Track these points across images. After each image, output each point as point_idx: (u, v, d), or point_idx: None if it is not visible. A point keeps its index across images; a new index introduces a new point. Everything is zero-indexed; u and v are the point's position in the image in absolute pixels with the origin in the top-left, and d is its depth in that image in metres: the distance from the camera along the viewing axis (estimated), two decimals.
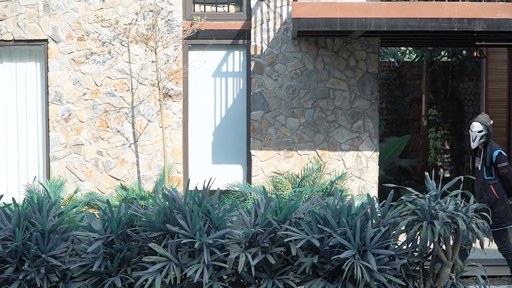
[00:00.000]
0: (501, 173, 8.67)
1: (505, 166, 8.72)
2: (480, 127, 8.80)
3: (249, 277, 6.16)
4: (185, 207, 6.20)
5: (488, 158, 8.71)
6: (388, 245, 6.22)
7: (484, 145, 8.83)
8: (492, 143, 8.87)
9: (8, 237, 6.35)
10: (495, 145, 8.85)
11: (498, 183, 8.75)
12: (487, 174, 8.77)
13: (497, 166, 8.67)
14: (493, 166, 8.71)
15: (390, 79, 18.21)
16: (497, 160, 8.67)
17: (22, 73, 11.76)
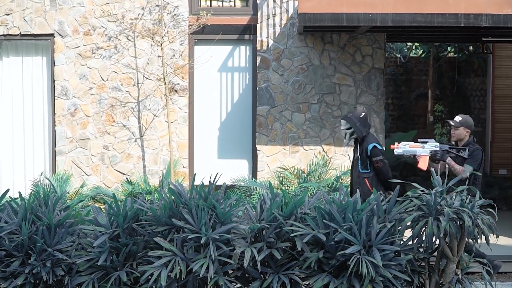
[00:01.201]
0: (376, 167, 8.61)
1: (380, 159, 8.62)
2: (347, 124, 8.77)
3: (255, 272, 6.17)
4: (191, 201, 6.20)
5: (363, 151, 8.68)
6: (393, 240, 6.22)
7: (361, 139, 8.78)
8: (370, 136, 8.79)
9: (14, 231, 6.37)
10: (372, 138, 8.76)
11: (373, 176, 8.68)
12: (362, 167, 8.71)
13: (372, 160, 8.63)
14: (368, 159, 8.67)
15: (396, 75, 18.19)
16: (372, 154, 8.61)
17: (29, 68, 11.78)
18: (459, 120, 8.74)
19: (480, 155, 8.50)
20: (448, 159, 8.49)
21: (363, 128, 8.77)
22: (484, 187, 14.22)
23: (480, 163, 8.49)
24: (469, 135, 8.74)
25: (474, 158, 8.46)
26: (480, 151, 8.54)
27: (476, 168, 8.42)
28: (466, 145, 8.65)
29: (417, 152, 8.52)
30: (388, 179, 8.63)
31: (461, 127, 8.71)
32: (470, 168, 8.36)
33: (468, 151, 8.52)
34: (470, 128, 8.74)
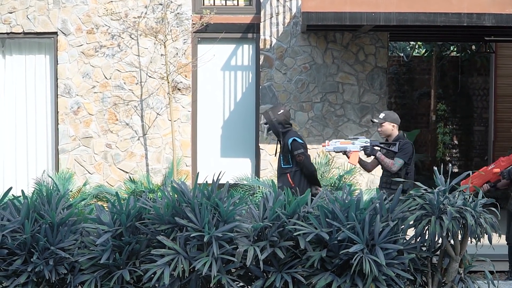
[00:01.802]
0: (298, 160, 8.58)
1: (301, 152, 8.59)
2: (264, 120, 8.79)
3: (257, 270, 6.17)
4: (194, 200, 6.20)
5: (284, 146, 8.68)
6: (396, 239, 6.21)
7: (278, 134, 8.78)
8: (291, 131, 8.77)
9: (17, 229, 6.36)
10: (292, 133, 8.73)
11: (296, 171, 8.64)
12: (284, 162, 8.70)
13: (294, 154, 8.61)
14: (290, 154, 8.66)
15: (399, 74, 18.18)
16: (292, 147, 8.60)
17: (32, 66, 11.80)
18: (382, 117, 8.73)
19: (410, 148, 8.48)
20: (378, 153, 8.50)
21: (278, 124, 8.74)
22: None
23: (410, 156, 8.48)
24: (397, 130, 8.72)
25: (404, 152, 8.44)
26: (410, 144, 8.53)
27: (407, 161, 8.44)
28: (396, 140, 8.63)
29: (348, 148, 8.58)
30: (311, 173, 8.65)
31: (385, 123, 8.67)
32: (400, 161, 8.39)
33: (398, 145, 8.50)
34: (395, 122, 8.71)
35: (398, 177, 8.23)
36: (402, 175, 8.38)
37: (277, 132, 8.73)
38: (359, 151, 8.56)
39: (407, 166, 8.47)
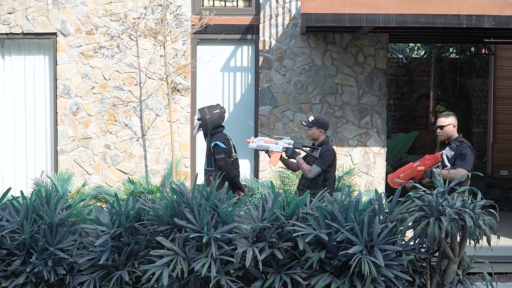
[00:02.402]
0: (218, 165, 8.63)
1: (222, 158, 8.63)
2: (199, 115, 8.77)
3: (256, 271, 6.17)
4: (193, 201, 6.21)
5: (208, 149, 8.69)
6: (395, 241, 6.22)
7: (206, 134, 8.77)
8: (217, 134, 8.79)
9: (16, 230, 6.37)
10: (217, 137, 8.76)
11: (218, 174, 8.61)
12: (208, 164, 8.76)
13: (215, 158, 8.65)
14: (213, 157, 8.68)
15: (398, 75, 18.18)
16: (213, 151, 8.64)
17: (31, 66, 11.80)
18: (311, 120, 8.65)
19: (330, 156, 8.40)
20: (298, 157, 8.50)
21: (211, 123, 8.77)
22: (485, 188, 14.25)
23: (330, 164, 8.42)
24: (324, 135, 8.63)
25: (323, 159, 8.36)
26: (331, 152, 8.45)
27: (325, 168, 8.37)
28: (320, 145, 8.56)
29: (270, 148, 8.58)
30: (231, 179, 8.64)
31: (313, 127, 8.59)
32: (317, 169, 8.32)
33: (320, 151, 8.45)
34: (323, 127, 8.61)
35: (315, 183, 8.28)
36: (319, 181, 8.35)
37: (206, 131, 8.74)
38: (280, 152, 8.56)
39: (326, 173, 8.41)
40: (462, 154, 8.15)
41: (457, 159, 8.16)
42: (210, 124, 8.71)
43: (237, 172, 8.92)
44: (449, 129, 8.40)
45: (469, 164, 8.12)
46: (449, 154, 8.25)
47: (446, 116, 8.50)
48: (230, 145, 8.85)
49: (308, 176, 8.37)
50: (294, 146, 8.56)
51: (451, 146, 8.31)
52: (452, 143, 8.33)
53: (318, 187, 8.26)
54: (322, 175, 8.37)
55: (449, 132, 8.41)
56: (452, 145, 8.31)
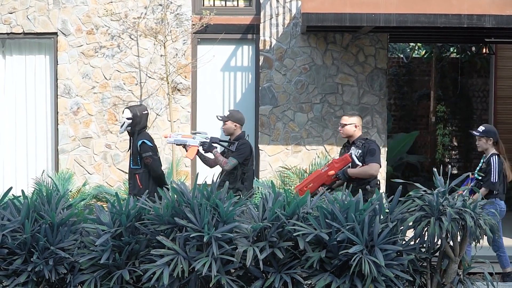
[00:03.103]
0: (146, 163, 8.63)
1: (149, 155, 8.62)
2: (130, 114, 8.78)
3: (257, 271, 6.17)
4: (194, 200, 6.21)
5: (134, 147, 8.71)
6: (395, 240, 6.22)
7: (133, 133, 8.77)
8: (143, 133, 8.79)
9: (17, 229, 6.37)
10: (143, 135, 8.76)
11: (144, 172, 8.68)
12: (133, 163, 8.74)
13: (142, 156, 8.65)
14: (139, 155, 8.68)
15: (399, 75, 18.19)
16: (141, 149, 8.64)
17: (32, 66, 11.81)
18: (226, 115, 8.87)
19: (247, 149, 8.62)
20: (215, 151, 8.68)
21: (140, 123, 8.78)
22: None
23: (247, 157, 8.62)
24: (239, 129, 8.82)
25: (239, 152, 8.57)
26: (247, 146, 8.67)
27: (242, 161, 8.55)
28: (237, 139, 8.76)
29: (187, 142, 8.76)
30: (159, 176, 8.71)
31: (228, 121, 8.79)
32: (233, 161, 8.52)
33: (236, 145, 8.66)
34: (239, 122, 8.81)
35: (233, 177, 8.47)
36: (238, 175, 8.54)
37: (134, 131, 8.77)
38: (197, 146, 8.74)
39: (244, 167, 8.60)
40: (371, 150, 8.24)
41: (366, 155, 8.25)
42: (140, 123, 8.76)
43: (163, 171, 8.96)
44: (350, 128, 8.47)
45: (378, 159, 8.26)
46: (357, 153, 8.35)
47: (350, 115, 8.60)
48: (155, 144, 8.91)
49: (224, 168, 8.60)
50: (211, 141, 8.76)
51: (357, 145, 8.40)
52: (357, 142, 8.42)
53: (237, 181, 8.54)
54: (240, 169, 8.58)
55: (349, 131, 8.48)
56: (358, 144, 8.39)
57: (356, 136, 8.46)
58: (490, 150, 8.75)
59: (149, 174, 8.65)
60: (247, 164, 8.64)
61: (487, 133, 8.76)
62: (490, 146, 8.76)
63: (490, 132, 8.76)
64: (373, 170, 8.11)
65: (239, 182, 8.53)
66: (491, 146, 8.76)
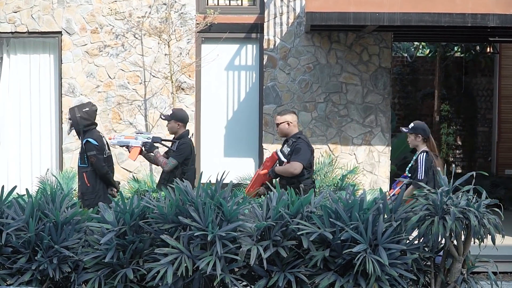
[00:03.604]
0: (90, 161, 8.78)
1: (93, 154, 8.75)
2: (68, 115, 8.93)
3: (261, 269, 6.18)
4: (198, 199, 6.21)
5: (81, 146, 8.87)
6: (399, 239, 6.22)
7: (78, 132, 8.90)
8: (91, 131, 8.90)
9: (21, 228, 6.38)
10: (90, 133, 8.86)
11: (91, 171, 8.82)
12: (81, 161, 8.89)
13: (87, 155, 8.78)
14: (85, 154, 8.82)
15: (403, 74, 18.17)
16: (85, 148, 8.78)
17: (36, 65, 11.82)
18: (169, 114, 8.97)
19: (186, 149, 8.72)
20: (155, 151, 8.77)
21: (81, 122, 8.85)
22: (490, 187, 14.23)
23: (187, 157, 8.72)
24: (183, 128, 8.92)
25: (179, 152, 8.68)
26: (188, 145, 8.75)
27: (181, 161, 8.66)
28: (179, 138, 8.84)
29: (130, 143, 8.89)
30: (103, 175, 8.83)
31: (171, 121, 8.89)
32: (173, 162, 8.63)
33: (177, 145, 8.75)
34: (182, 121, 8.90)
35: (174, 176, 8.41)
36: (178, 175, 8.55)
37: (78, 130, 8.88)
38: (140, 146, 8.84)
39: (184, 167, 8.71)
40: (297, 149, 8.30)
41: (292, 154, 8.31)
42: (81, 122, 8.85)
43: (109, 169, 9.05)
44: (283, 126, 8.53)
45: (303, 158, 8.28)
46: (286, 151, 8.43)
47: (282, 114, 8.64)
48: (102, 143, 8.97)
49: (164, 169, 8.71)
50: (153, 141, 8.86)
51: (288, 143, 8.48)
52: (290, 140, 8.49)
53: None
54: (180, 168, 8.68)
55: (284, 130, 8.54)
56: (289, 142, 8.47)
57: (292, 134, 8.52)
58: (421, 147, 8.70)
59: (96, 173, 8.83)
60: (187, 164, 8.75)
61: (416, 129, 8.71)
62: (420, 143, 8.70)
63: (418, 129, 8.71)
64: (292, 169, 8.15)
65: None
66: (421, 142, 8.70)
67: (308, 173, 8.39)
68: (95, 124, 9.03)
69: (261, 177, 8.50)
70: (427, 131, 8.73)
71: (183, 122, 8.89)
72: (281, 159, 8.36)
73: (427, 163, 8.45)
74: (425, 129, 8.73)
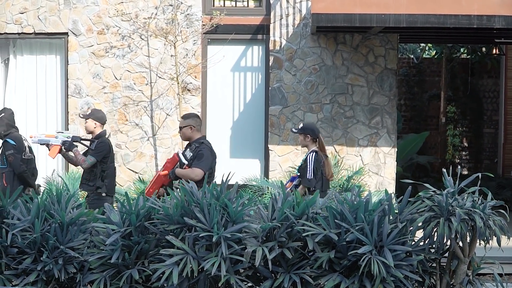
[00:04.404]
0: (9, 161, 9.06)
1: (11, 153, 9.07)
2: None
3: (266, 271, 6.17)
4: (203, 200, 6.21)
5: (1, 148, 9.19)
6: (405, 241, 6.21)
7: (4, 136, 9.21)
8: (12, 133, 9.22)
9: (27, 228, 6.39)
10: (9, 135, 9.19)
11: (10, 171, 9.11)
12: (1, 163, 9.19)
13: (6, 154, 9.09)
14: (4, 154, 9.13)
15: (409, 76, 18.17)
16: (4, 148, 9.14)
17: (42, 66, 11.85)
18: (88, 113, 9.17)
19: (105, 148, 8.88)
20: (75, 149, 8.94)
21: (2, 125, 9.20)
22: (495, 189, 14.21)
23: (105, 156, 8.87)
24: (100, 128, 9.06)
25: (97, 150, 8.82)
26: (106, 144, 8.91)
27: (100, 159, 8.81)
28: (97, 138, 8.97)
29: (50, 141, 9.00)
30: (20, 174, 9.10)
31: (89, 119, 9.04)
32: (91, 159, 8.79)
33: (96, 144, 8.89)
34: (99, 120, 9.05)
35: (93, 175, 8.80)
36: (97, 173, 8.82)
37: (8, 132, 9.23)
38: (60, 145, 8.97)
39: (103, 165, 8.87)
40: (199, 155, 8.34)
41: (195, 159, 8.34)
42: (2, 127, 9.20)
43: (30, 172, 9.29)
44: (186, 130, 8.56)
45: (205, 165, 8.30)
46: (189, 155, 8.46)
47: (185, 118, 8.70)
48: (22, 144, 9.26)
49: (82, 166, 8.89)
50: (72, 140, 8.99)
51: (191, 148, 8.52)
52: (193, 145, 8.52)
53: (96, 178, 8.81)
54: (99, 167, 8.84)
55: (187, 134, 8.58)
56: (192, 146, 8.51)
57: (195, 138, 8.54)
58: (310, 147, 8.69)
59: (14, 173, 9.08)
60: (106, 162, 8.90)
61: (304, 130, 8.71)
62: (309, 143, 8.70)
63: (307, 129, 8.70)
64: (194, 175, 8.16)
65: (99, 180, 8.81)
66: (311, 143, 8.69)
67: (208, 178, 8.42)
68: (15, 128, 9.38)
69: (161, 178, 8.56)
70: (316, 131, 8.75)
71: (100, 122, 9.05)
72: (182, 161, 8.40)
73: (316, 163, 8.49)
74: (313, 129, 8.75)
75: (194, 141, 8.50)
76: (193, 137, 8.51)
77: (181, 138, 8.84)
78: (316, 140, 8.70)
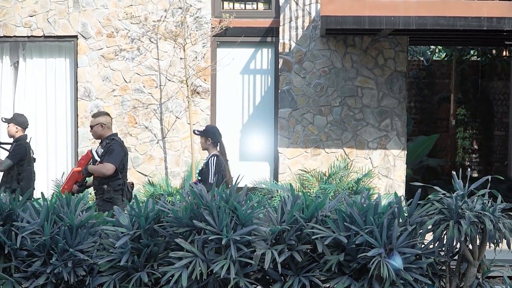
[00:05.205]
0: None
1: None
2: None
3: (275, 273, 6.16)
4: (212, 203, 6.21)
5: None
6: (414, 244, 6.19)
7: None
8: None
9: (36, 231, 6.40)
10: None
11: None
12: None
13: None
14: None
15: (419, 78, 18.13)
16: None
17: (52, 69, 11.88)
18: (10, 117, 9.58)
19: (21, 151, 9.36)
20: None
21: None
22: (506, 191, 14.16)
23: (22, 158, 9.32)
24: (21, 132, 9.52)
25: (14, 153, 9.34)
26: (22, 147, 9.38)
27: (16, 162, 9.28)
28: (17, 141, 9.46)
29: None
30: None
31: (11, 124, 9.50)
32: (8, 162, 9.28)
33: (14, 146, 9.37)
34: (20, 125, 9.53)
35: (10, 177, 9.28)
36: (14, 175, 9.28)
37: None
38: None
39: (19, 167, 9.33)
40: (110, 150, 8.43)
41: (105, 155, 8.43)
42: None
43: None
44: (97, 128, 8.65)
45: (115, 159, 8.41)
46: (100, 152, 8.54)
47: (96, 116, 8.78)
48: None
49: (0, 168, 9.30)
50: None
51: (102, 144, 8.60)
52: (104, 141, 8.60)
53: (13, 180, 9.28)
54: (16, 169, 9.28)
55: (98, 132, 8.65)
56: (103, 143, 8.59)
57: (106, 135, 8.63)
58: (211, 151, 8.65)
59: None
60: (22, 165, 9.34)
61: (206, 133, 8.68)
62: (210, 146, 8.66)
63: (208, 132, 8.67)
64: (105, 169, 8.29)
65: (15, 182, 9.24)
66: (212, 146, 8.65)
67: (120, 174, 8.46)
68: None
69: (75, 174, 8.67)
70: (217, 135, 8.71)
71: (21, 126, 9.50)
72: (95, 158, 8.52)
73: (217, 167, 8.48)
74: (215, 132, 8.72)
75: (105, 138, 8.61)
76: (104, 135, 8.63)
77: (92, 136, 8.90)
78: (217, 144, 8.68)
